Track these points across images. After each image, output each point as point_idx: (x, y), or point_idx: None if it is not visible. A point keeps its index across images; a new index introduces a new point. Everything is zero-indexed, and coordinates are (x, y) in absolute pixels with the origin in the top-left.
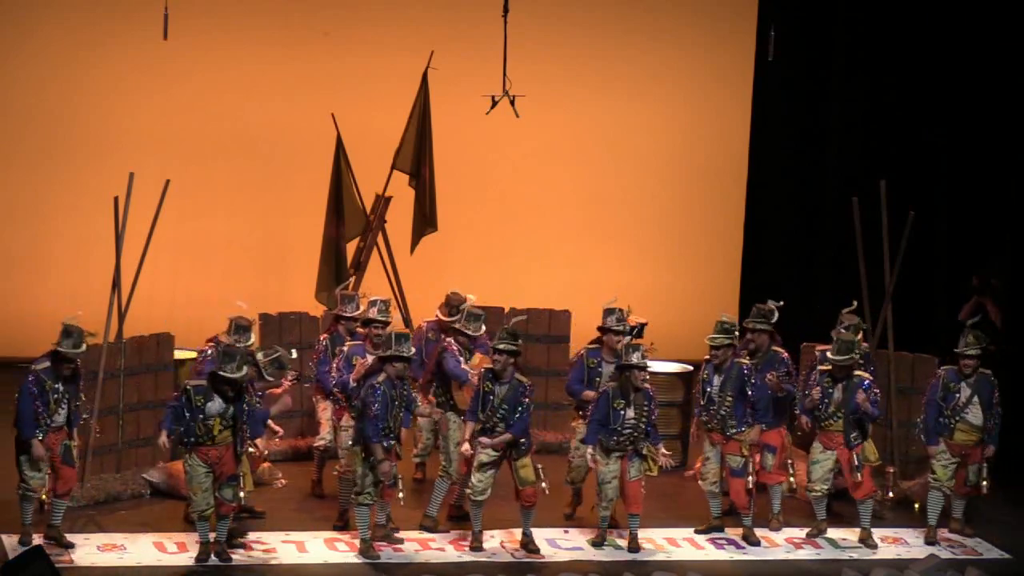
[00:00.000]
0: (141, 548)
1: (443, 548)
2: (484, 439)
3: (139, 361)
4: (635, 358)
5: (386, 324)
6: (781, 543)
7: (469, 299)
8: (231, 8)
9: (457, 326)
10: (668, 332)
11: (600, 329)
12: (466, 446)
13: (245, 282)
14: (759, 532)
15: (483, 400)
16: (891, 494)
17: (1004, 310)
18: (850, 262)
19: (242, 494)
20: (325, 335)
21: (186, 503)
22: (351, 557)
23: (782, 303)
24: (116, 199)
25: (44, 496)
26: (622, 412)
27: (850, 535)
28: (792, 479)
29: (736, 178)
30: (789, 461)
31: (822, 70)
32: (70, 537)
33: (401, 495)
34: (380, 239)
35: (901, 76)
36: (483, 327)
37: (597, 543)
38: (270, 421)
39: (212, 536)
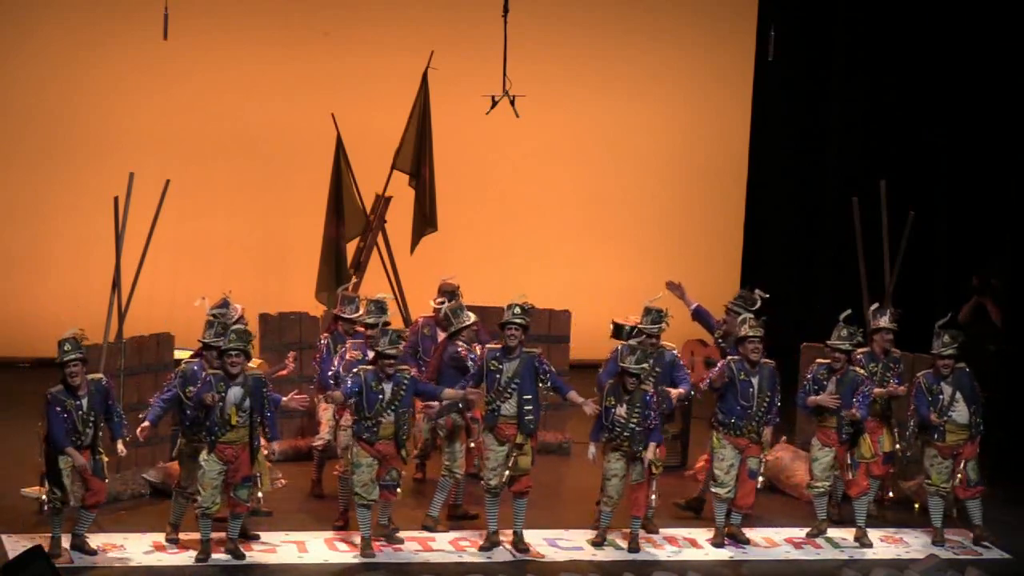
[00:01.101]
0: (141, 548)
1: (443, 548)
2: (586, 402)
3: (139, 361)
4: (631, 361)
5: (377, 327)
6: (781, 543)
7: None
8: (231, 8)
9: (452, 330)
10: (668, 332)
11: (615, 325)
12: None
13: (245, 282)
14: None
15: (489, 380)
16: (891, 494)
17: (1004, 310)
18: (850, 262)
19: (260, 495)
20: (326, 334)
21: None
22: (351, 557)
23: (768, 296)
24: (116, 199)
25: (44, 495)
26: (612, 409)
27: (849, 535)
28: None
29: (736, 178)
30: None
31: (822, 70)
32: (71, 537)
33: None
34: (380, 239)
35: (901, 76)
36: (471, 315)
37: (597, 543)
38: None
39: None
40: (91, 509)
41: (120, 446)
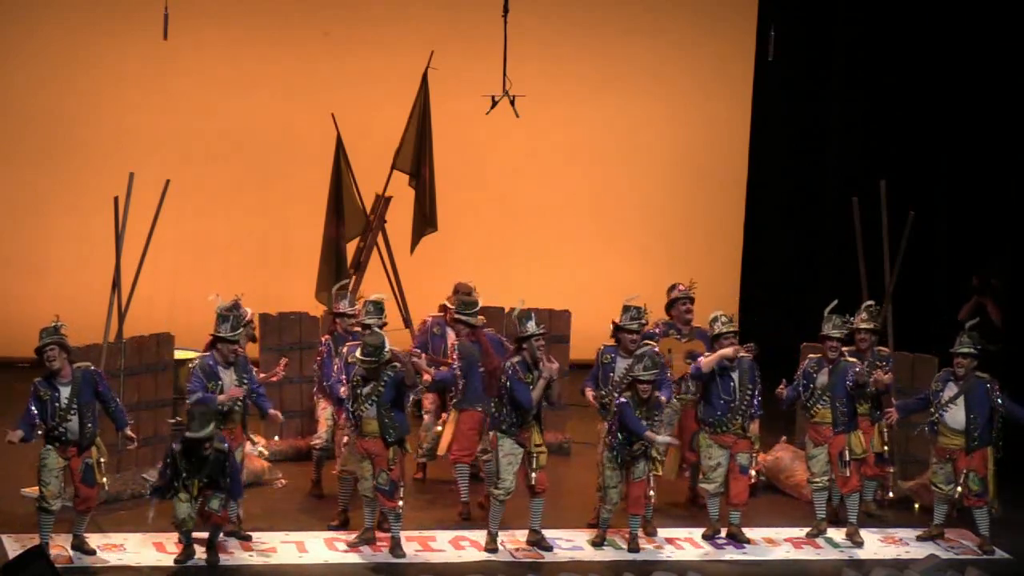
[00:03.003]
0: (141, 548)
1: (443, 548)
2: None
3: (139, 361)
4: (640, 368)
5: (378, 327)
6: (781, 543)
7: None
8: (231, 8)
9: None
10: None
11: (615, 326)
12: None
13: (245, 282)
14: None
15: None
16: (891, 494)
17: (1004, 310)
18: (850, 262)
19: (215, 504)
20: (327, 336)
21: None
22: (351, 557)
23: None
24: (116, 199)
25: (28, 492)
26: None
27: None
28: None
29: (736, 178)
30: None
31: (822, 70)
32: (71, 538)
33: (401, 503)
34: (380, 239)
35: (901, 76)
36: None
37: (597, 543)
38: (273, 411)
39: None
40: (84, 514)
41: (128, 432)
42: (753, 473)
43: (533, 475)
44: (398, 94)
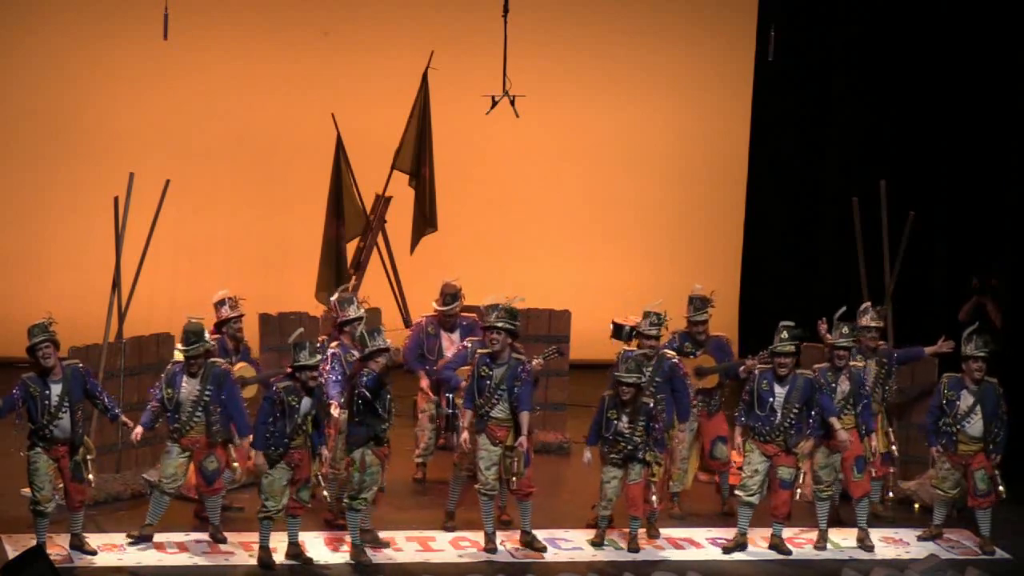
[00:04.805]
0: (141, 548)
1: (443, 548)
2: (523, 440)
3: (139, 361)
4: (623, 370)
5: (362, 320)
6: None
7: (517, 299)
8: (231, 8)
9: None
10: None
11: (618, 328)
12: (465, 435)
13: (245, 282)
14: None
15: (479, 385)
16: (891, 494)
17: (1004, 310)
18: (850, 262)
19: (325, 494)
20: (335, 344)
21: (196, 504)
22: (351, 558)
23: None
24: (116, 199)
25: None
26: (615, 422)
27: (850, 535)
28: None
29: (736, 178)
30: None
31: (822, 70)
32: (70, 537)
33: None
34: (380, 239)
35: (901, 76)
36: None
37: (597, 543)
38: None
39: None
40: (77, 510)
41: (123, 418)
42: (798, 492)
43: (513, 479)
44: (398, 94)
